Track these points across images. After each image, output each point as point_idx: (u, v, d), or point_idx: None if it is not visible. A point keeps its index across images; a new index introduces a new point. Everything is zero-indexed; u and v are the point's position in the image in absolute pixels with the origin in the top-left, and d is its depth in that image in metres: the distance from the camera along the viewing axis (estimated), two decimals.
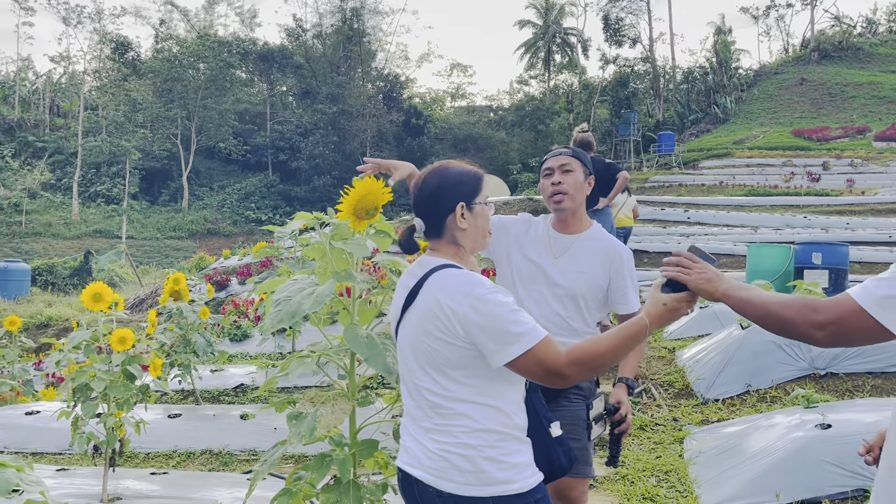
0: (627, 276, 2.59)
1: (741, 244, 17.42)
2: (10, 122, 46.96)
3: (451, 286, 1.77)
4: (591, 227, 2.66)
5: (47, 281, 22.67)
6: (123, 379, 3.73)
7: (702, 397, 4.78)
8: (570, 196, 2.57)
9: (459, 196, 1.89)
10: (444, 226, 1.89)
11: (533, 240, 2.65)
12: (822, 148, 33.29)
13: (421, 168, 2.20)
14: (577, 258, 2.57)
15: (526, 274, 2.61)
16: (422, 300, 1.81)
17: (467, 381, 1.78)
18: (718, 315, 6.17)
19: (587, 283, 2.54)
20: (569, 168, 2.59)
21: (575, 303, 2.55)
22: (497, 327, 1.71)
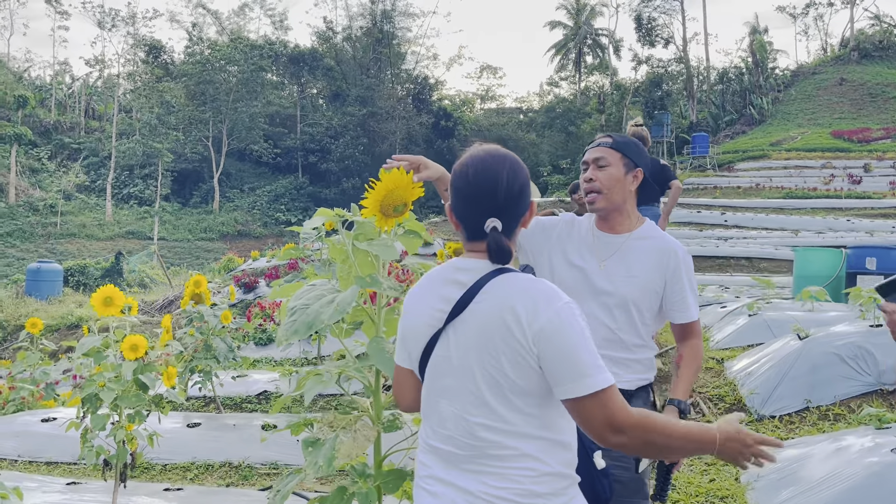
0: (685, 279, 2.24)
1: (783, 248, 16.87)
2: (46, 124, 47.73)
3: (528, 291, 1.48)
4: (643, 225, 2.31)
5: (79, 282, 22.83)
6: (136, 389, 3.49)
7: (756, 413, 4.41)
8: (605, 195, 2.23)
9: (529, 196, 1.63)
10: (515, 227, 1.61)
11: (576, 241, 2.32)
12: (863, 149, 32.36)
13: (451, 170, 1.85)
14: (627, 260, 2.24)
15: (569, 281, 2.27)
16: (485, 308, 1.50)
17: (531, 411, 1.49)
18: (769, 324, 5.78)
19: (639, 287, 2.21)
20: (604, 162, 2.25)
21: (626, 312, 2.21)
22: (574, 352, 1.43)
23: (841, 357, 4.42)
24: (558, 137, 47.13)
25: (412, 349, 1.63)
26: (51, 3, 50.03)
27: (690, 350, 2.28)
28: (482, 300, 1.50)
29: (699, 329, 2.33)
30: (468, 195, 1.57)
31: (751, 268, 15.97)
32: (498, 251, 1.52)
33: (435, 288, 1.60)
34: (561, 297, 1.48)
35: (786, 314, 5.97)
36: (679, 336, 2.32)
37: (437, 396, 1.57)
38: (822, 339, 4.63)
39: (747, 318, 6.09)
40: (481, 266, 1.55)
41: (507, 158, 1.60)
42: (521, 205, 1.58)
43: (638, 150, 2.30)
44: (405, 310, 1.65)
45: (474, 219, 1.56)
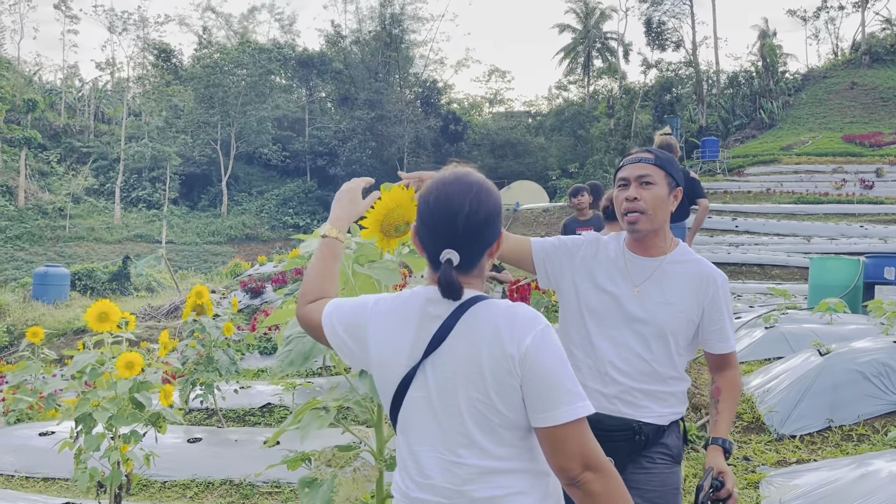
0: (724, 307, 2.08)
1: (795, 254, 16.66)
2: (56, 128, 47.89)
3: (509, 315, 1.39)
4: (678, 248, 2.14)
5: (86, 285, 22.80)
6: (131, 408, 3.37)
7: (776, 433, 4.25)
8: (649, 216, 2.05)
9: (500, 226, 1.50)
10: (480, 260, 1.49)
11: (604, 264, 2.14)
12: (875, 154, 32.04)
13: None
14: (662, 285, 2.07)
15: (598, 307, 2.10)
16: (466, 340, 1.39)
17: (520, 444, 1.41)
18: (787, 337, 5.61)
19: (677, 316, 2.04)
20: (649, 180, 2.06)
21: (663, 342, 2.04)
22: (556, 376, 1.36)
23: (864, 374, 4.25)
24: (567, 141, 46.97)
25: (383, 391, 1.49)
26: (60, 7, 50.22)
27: (728, 382, 2.14)
28: (462, 332, 1.40)
29: (736, 359, 2.18)
30: (429, 223, 1.46)
31: (763, 275, 15.76)
32: (447, 286, 1.40)
33: (404, 322, 1.46)
34: (541, 319, 1.40)
35: (804, 327, 5.80)
36: (715, 366, 2.17)
37: (416, 443, 1.44)
38: (844, 355, 4.46)
39: (764, 331, 5.91)
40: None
41: (472, 186, 1.47)
42: (484, 236, 1.45)
43: (678, 168, 2.14)
44: (371, 345, 1.50)
45: (435, 248, 1.44)
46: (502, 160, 46.39)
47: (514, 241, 2.22)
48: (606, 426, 2.02)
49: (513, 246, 2.21)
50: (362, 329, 1.51)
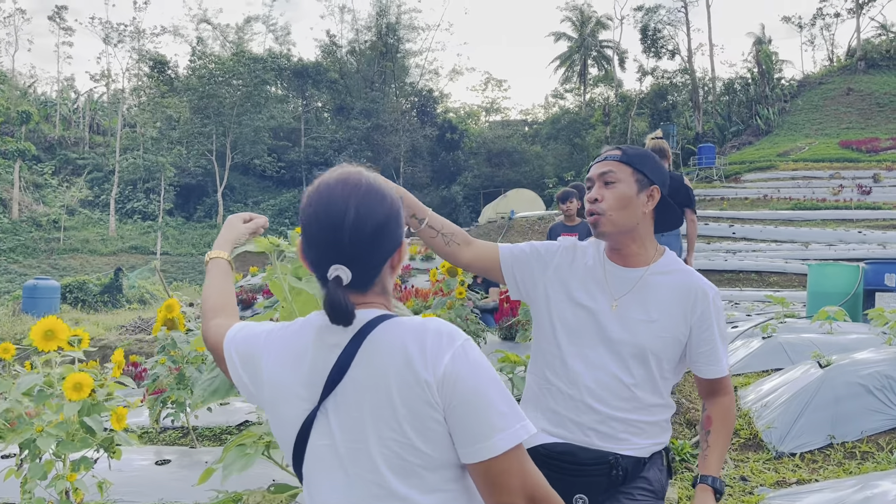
0: (716, 324, 1.82)
1: (793, 261, 16.48)
2: (50, 140, 47.74)
3: (420, 333, 1.15)
4: (663, 257, 1.88)
5: (78, 298, 22.56)
6: (82, 432, 3.13)
7: (774, 450, 4.02)
8: (611, 218, 1.80)
9: (399, 237, 1.26)
10: (377, 275, 1.24)
11: (580, 274, 1.89)
12: (872, 160, 31.92)
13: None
14: (644, 300, 1.82)
15: (573, 323, 1.85)
16: (370, 369, 1.16)
17: (450, 486, 1.17)
18: (785, 347, 5.38)
19: (660, 335, 1.79)
20: (611, 178, 1.82)
21: (644, 364, 1.80)
22: (483, 400, 1.12)
23: (867, 388, 4.03)
24: (563, 149, 46.88)
25: (282, 439, 1.26)
26: (55, 19, 50.14)
27: (721, 411, 1.87)
28: (365, 360, 1.16)
29: (730, 384, 1.91)
30: (310, 234, 1.22)
31: (760, 282, 15.55)
32: (333, 309, 1.16)
33: (298, 355, 1.23)
34: (459, 333, 1.17)
35: (803, 337, 5.57)
36: (706, 392, 1.90)
37: (322, 502, 1.21)
38: (846, 367, 4.24)
39: (761, 341, 5.69)
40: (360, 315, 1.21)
41: (360, 187, 1.23)
42: (378, 246, 1.21)
43: (654, 164, 1.87)
44: (265, 383, 1.27)
45: (321, 263, 1.21)
46: (499, 168, 46.26)
47: (480, 247, 1.98)
48: (580, 459, 1.79)
49: (478, 252, 1.97)
50: (256, 362, 1.28)
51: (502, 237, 24.38)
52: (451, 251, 1.94)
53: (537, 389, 1.91)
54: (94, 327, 17.92)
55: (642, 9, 45.13)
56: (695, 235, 5.24)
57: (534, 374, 1.94)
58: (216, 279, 1.53)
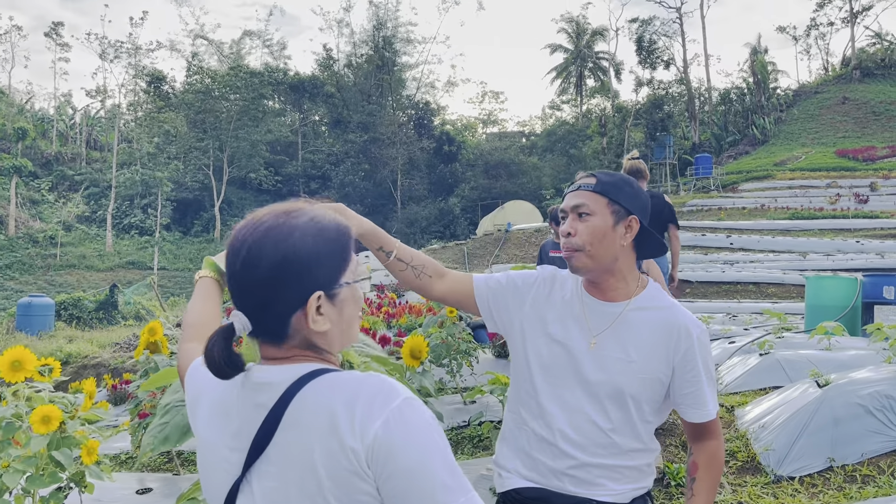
0: (701, 366, 1.69)
1: (791, 271, 16.39)
2: (47, 156, 47.72)
3: (351, 393, 1.02)
4: (645, 290, 1.76)
5: (73, 315, 22.39)
6: (51, 467, 3.01)
7: (773, 474, 3.89)
8: (587, 253, 1.68)
9: (314, 282, 1.08)
10: (287, 325, 1.08)
11: (557, 308, 1.77)
12: (869, 168, 31.95)
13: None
14: (623, 338, 1.69)
15: (548, 361, 1.74)
16: (296, 433, 1.03)
17: None
18: (783, 364, 5.27)
19: (638, 375, 1.68)
20: (585, 210, 1.70)
21: (622, 407, 1.68)
22: (423, 471, 0.99)
23: (867, 408, 3.91)
24: (560, 160, 46.91)
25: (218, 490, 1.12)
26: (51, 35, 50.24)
27: (707, 456, 1.75)
28: (290, 424, 1.03)
29: (718, 427, 1.78)
30: (228, 277, 1.10)
31: (758, 293, 15.44)
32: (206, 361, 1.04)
33: (226, 413, 1.10)
34: (398, 392, 1.03)
35: (800, 353, 5.46)
36: (692, 435, 1.78)
37: None
38: (844, 386, 4.13)
39: (759, 358, 5.57)
40: (284, 376, 1.06)
41: (261, 225, 1.09)
42: (277, 292, 1.05)
43: (631, 193, 1.74)
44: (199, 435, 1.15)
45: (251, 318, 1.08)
46: (496, 180, 46.23)
47: (453, 279, 1.85)
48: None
49: (452, 285, 1.84)
50: (197, 401, 1.17)
51: (499, 249, 24.29)
52: (422, 284, 1.82)
53: (514, 427, 1.81)
54: (89, 345, 17.77)
55: (637, 20, 45.30)
56: (678, 250, 5.11)
57: (511, 412, 1.84)
58: (198, 300, 1.46)
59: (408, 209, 43.82)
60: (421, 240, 39.03)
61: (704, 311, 12.88)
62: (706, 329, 1.76)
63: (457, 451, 5.03)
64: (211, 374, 1.09)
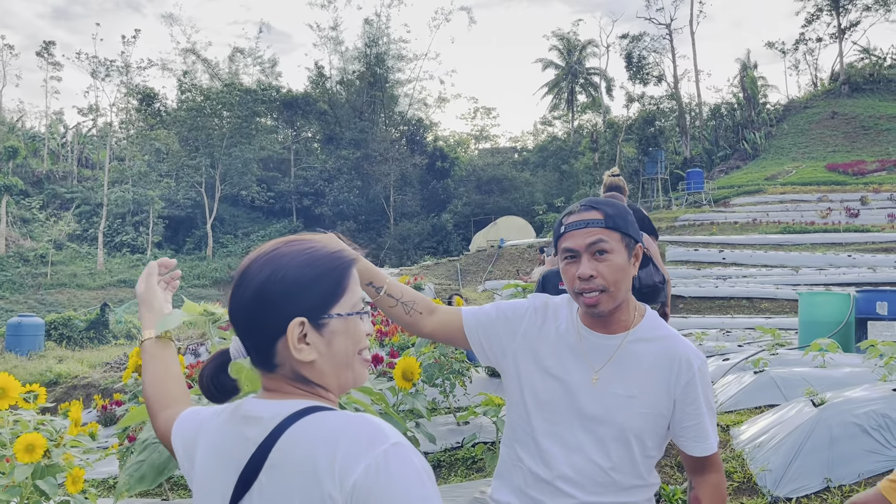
0: (702, 397, 1.63)
1: (784, 286, 16.41)
2: (38, 174, 47.58)
3: (337, 435, 0.98)
4: (644, 319, 1.69)
5: (63, 335, 22.20)
6: (35, 496, 2.95)
7: (769, 495, 3.85)
8: (611, 294, 1.60)
9: (297, 307, 1.06)
10: (272, 352, 1.07)
11: (552, 341, 1.70)
12: (859, 182, 32.19)
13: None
14: (625, 372, 1.63)
15: (545, 398, 1.67)
16: (280, 473, 1.00)
17: None
18: (778, 382, 5.24)
19: (641, 412, 1.61)
20: (604, 248, 1.60)
21: (625, 446, 1.61)
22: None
23: (863, 428, 3.88)
24: (552, 176, 47.07)
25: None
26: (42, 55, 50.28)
27: (710, 491, 1.69)
28: (275, 464, 1.00)
29: (719, 461, 1.72)
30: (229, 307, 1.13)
31: (752, 308, 15.45)
32: (202, 382, 1.08)
33: (220, 447, 1.09)
34: (386, 436, 0.98)
35: (795, 371, 5.44)
36: (693, 468, 1.72)
37: None
38: (840, 405, 4.10)
39: (753, 376, 5.55)
40: (275, 411, 1.04)
41: (268, 251, 1.11)
42: (259, 318, 1.06)
43: (632, 220, 1.67)
44: (195, 474, 1.14)
45: (245, 341, 1.11)
46: (489, 196, 46.32)
47: (443, 314, 1.79)
48: None
49: (441, 319, 1.77)
50: (193, 446, 1.15)
51: (492, 265, 24.27)
52: (412, 321, 1.76)
53: (510, 465, 1.75)
54: (79, 364, 17.63)
55: (628, 36, 45.70)
56: (658, 254, 5.03)
57: (507, 447, 1.78)
58: (149, 368, 1.40)
59: (400, 225, 43.82)
60: (414, 256, 39.00)
61: (698, 326, 12.86)
62: (706, 359, 1.69)
63: (450, 473, 4.98)
64: (202, 417, 1.10)
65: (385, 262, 36.17)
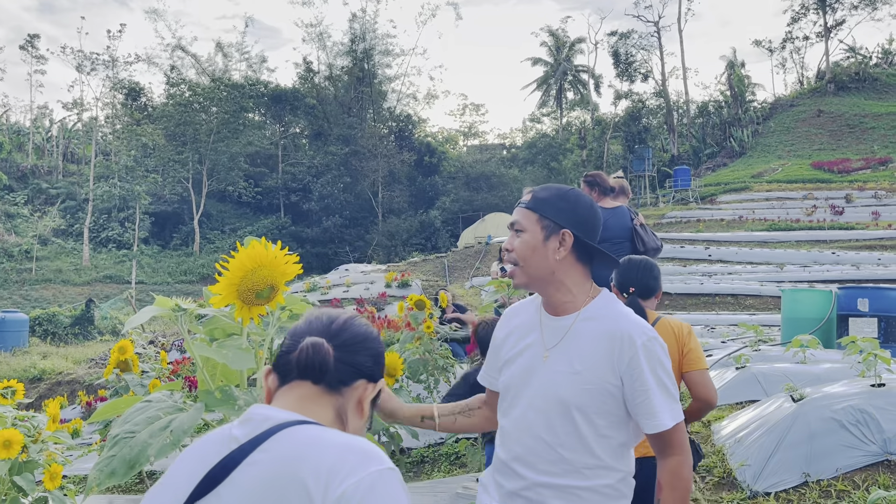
0: (649, 373, 1.64)
1: (768, 283, 16.51)
2: (23, 169, 47.15)
3: (328, 448, 0.99)
4: (594, 300, 1.75)
5: (47, 331, 22.04)
6: (13, 492, 2.93)
7: (749, 490, 3.89)
8: (521, 268, 1.75)
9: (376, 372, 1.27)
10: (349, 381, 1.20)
11: (516, 332, 1.83)
12: (844, 180, 32.42)
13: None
14: (571, 350, 1.69)
15: (508, 382, 1.79)
16: (255, 475, 0.98)
17: None
18: (759, 378, 5.28)
19: (584, 387, 1.65)
20: (519, 227, 1.79)
21: (568, 419, 1.65)
22: None
23: (841, 423, 3.92)
24: (540, 173, 47.10)
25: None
26: (27, 48, 49.76)
27: (668, 475, 1.68)
28: (259, 460, 0.99)
29: (681, 440, 1.69)
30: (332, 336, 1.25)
31: (736, 305, 15.55)
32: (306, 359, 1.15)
33: (202, 449, 1.08)
34: (380, 459, 0.99)
35: (776, 367, 5.48)
36: (656, 450, 1.73)
37: None
38: (819, 401, 4.14)
39: (735, 372, 5.59)
40: (273, 415, 1.05)
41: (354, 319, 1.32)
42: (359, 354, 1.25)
43: (565, 207, 1.75)
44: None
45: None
46: (477, 192, 46.31)
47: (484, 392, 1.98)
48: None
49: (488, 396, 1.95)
50: None
51: (480, 262, 24.28)
52: (479, 419, 1.95)
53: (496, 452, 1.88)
54: (63, 360, 17.49)
55: (616, 33, 45.77)
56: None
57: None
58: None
59: (388, 221, 43.74)
60: (402, 252, 38.94)
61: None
62: (655, 337, 1.69)
63: (433, 469, 4.99)
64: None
65: (373, 258, 36.09)
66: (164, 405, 1.47)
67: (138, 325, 1.40)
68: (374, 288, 16.80)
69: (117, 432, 1.43)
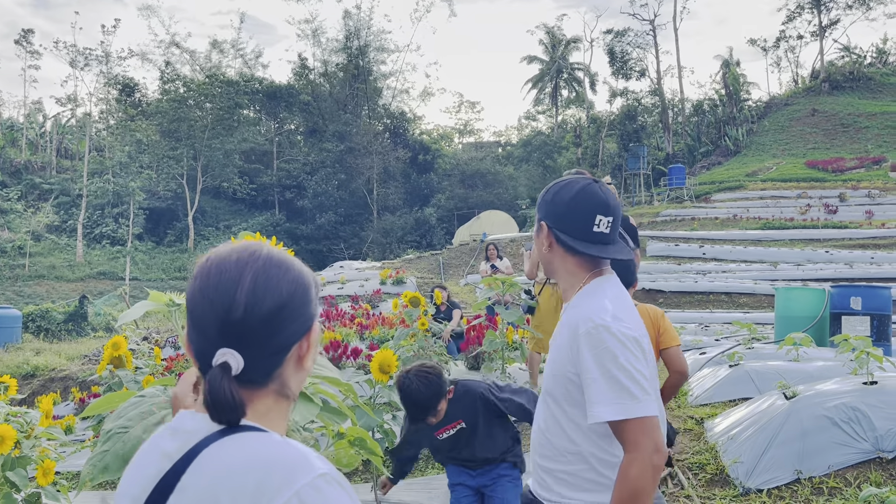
0: (591, 362, 1.59)
1: (762, 281, 16.58)
2: (16, 164, 46.92)
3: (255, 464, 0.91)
4: (583, 289, 1.75)
5: (41, 327, 21.97)
6: (6, 488, 2.93)
7: (741, 486, 3.91)
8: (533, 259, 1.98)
9: (309, 315, 1.03)
10: (278, 365, 0.99)
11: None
12: (838, 179, 32.52)
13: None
14: (556, 338, 1.80)
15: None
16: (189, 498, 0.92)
17: None
18: (752, 376, 5.30)
19: (552, 373, 1.75)
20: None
21: (547, 407, 1.76)
22: None
23: (833, 420, 3.94)
24: (535, 171, 47.12)
25: None
26: (21, 43, 49.53)
27: (619, 476, 1.57)
28: (188, 485, 0.92)
29: (633, 438, 1.56)
30: (194, 313, 0.99)
31: (730, 303, 15.60)
32: (216, 403, 0.93)
33: (137, 464, 1.01)
34: (307, 469, 0.91)
35: (769, 365, 5.50)
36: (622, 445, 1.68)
37: None
38: (812, 398, 4.16)
39: (728, 370, 5.61)
40: (202, 425, 0.96)
41: (257, 257, 1.01)
42: (280, 328, 0.98)
43: (544, 200, 1.81)
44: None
45: (207, 351, 0.97)
46: (472, 190, 46.32)
47: None
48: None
49: None
50: None
51: (475, 259, 24.29)
52: None
53: None
54: (57, 357, 17.42)
55: (612, 31, 45.78)
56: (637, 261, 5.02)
57: None
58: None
59: (384, 219, 43.70)
60: (397, 249, 38.93)
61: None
62: (607, 326, 1.62)
63: (427, 466, 4.99)
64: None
65: (367, 255, 36.07)
66: (158, 400, 1.47)
67: (132, 320, 1.39)
68: (369, 285, 16.81)
69: (111, 427, 1.43)
